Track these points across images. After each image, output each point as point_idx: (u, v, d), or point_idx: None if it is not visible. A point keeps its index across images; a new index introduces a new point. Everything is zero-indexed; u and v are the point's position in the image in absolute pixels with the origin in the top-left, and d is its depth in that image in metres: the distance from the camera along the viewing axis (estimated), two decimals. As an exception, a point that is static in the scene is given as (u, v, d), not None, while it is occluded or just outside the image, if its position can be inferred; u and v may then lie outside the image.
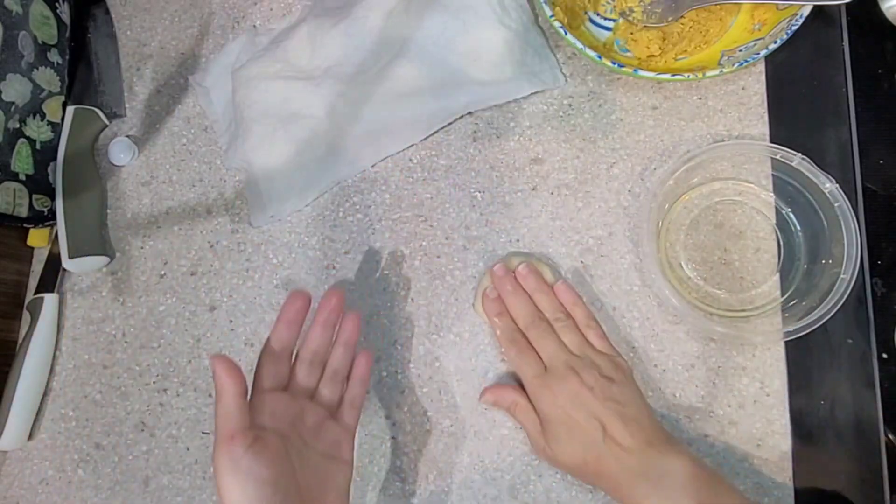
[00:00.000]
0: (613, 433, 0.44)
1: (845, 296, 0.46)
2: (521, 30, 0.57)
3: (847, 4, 0.52)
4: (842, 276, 0.47)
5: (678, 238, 0.53)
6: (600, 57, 0.51)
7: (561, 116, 0.57)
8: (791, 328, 0.47)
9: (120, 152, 0.62)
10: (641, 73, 0.51)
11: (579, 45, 0.52)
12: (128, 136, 0.63)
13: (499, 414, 0.52)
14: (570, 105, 0.57)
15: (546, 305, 0.50)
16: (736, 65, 0.50)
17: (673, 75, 0.51)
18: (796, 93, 0.55)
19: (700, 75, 0.50)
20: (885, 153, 0.53)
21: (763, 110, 0.54)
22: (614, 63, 0.51)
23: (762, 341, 0.49)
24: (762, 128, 0.54)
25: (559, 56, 0.58)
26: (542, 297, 0.51)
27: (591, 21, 0.59)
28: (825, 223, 0.49)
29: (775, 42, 0.49)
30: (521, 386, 0.49)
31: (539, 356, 0.48)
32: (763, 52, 0.50)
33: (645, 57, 0.56)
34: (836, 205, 0.48)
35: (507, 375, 0.52)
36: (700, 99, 0.55)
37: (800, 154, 0.49)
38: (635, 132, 0.55)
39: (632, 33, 0.57)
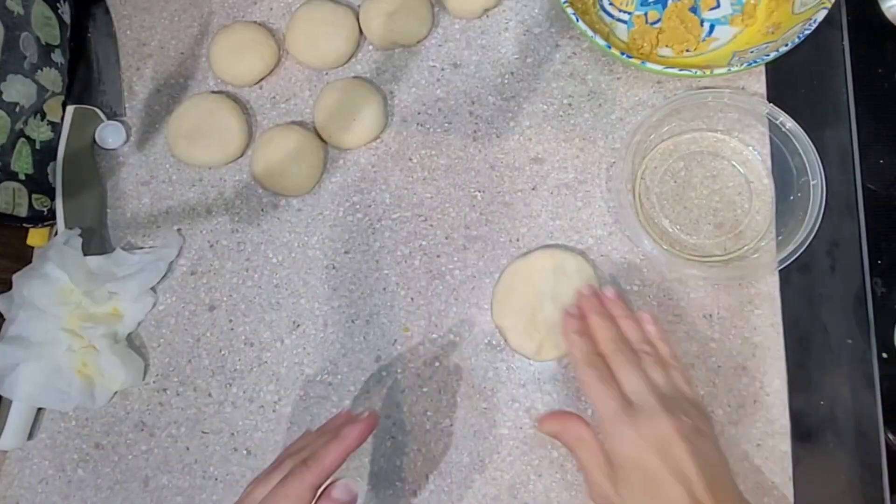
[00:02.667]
0: (700, 496, 0.37)
1: (822, 205, 0.48)
2: None
3: (847, 4, 0.52)
4: (812, 182, 0.49)
5: (654, 189, 0.54)
6: (609, 46, 0.51)
7: (561, 116, 0.57)
8: (784, 254, 0.49)
9: (109, 136, 0.62)
10: (649, 65, 0.51)
11: (590, 33, 0.51)
12: (118, 120, 0.63)
13: (498, 414, 0.52)
14: (570, 105, 0.57)
15: (633, 334, 0.45)
16: (745, 64, 0.50)
17: (681, 70, 0.50)
18: (796, 93, 0.55)
19: (708, 72, 0.50)
20: (886, 153, 0.53)
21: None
22: (623, 54, 0.51)
23: (763, 274, 0.51)
24: (762, 128, 0.54)
25: (559, 55, 0.58)
26: (630, 324, 0.46)
27: (604, 10, 0.58)
28: (783, 147, 0.52)
29: (786, 45, 0.49)
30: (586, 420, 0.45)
31: (621, 389, 0.42)
32: (773, 55, 0.49)
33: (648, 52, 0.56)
34: (784, 127, 0.51)
35: (509, 374, 0.52)
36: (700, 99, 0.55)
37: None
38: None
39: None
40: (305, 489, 0.39)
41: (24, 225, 0.59)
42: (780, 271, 0.51)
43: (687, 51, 0.56)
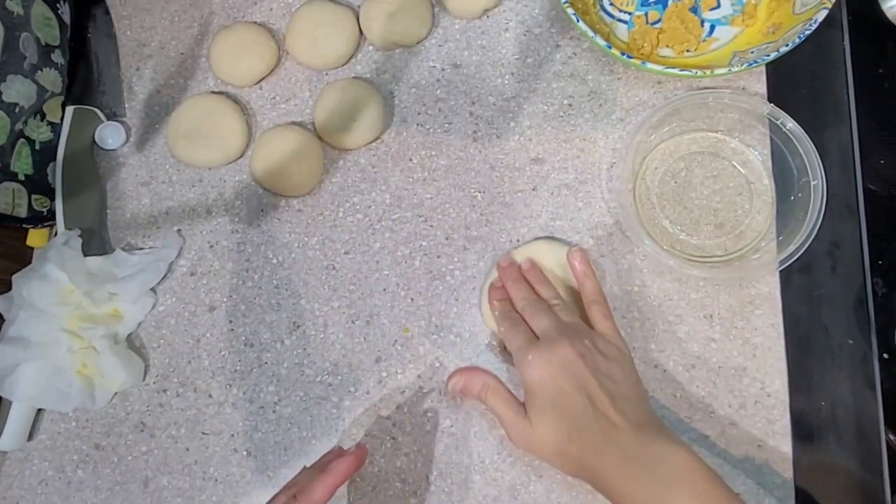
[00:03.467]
0: (601, 407, 0.42)
1: (822, 205, 0.48)
2: None
3: (848, 4, 0.52)
4: (812, 182, 0.49)
5: (655, 190, 0.54)
6: (610, 46, 0.51)
7: (561, 116, 0.57)
8: (784, 255, 0.49)
9: (108, 137, 0.62)
10: (649, 65, 0.51)
11: (590, 34, 0.51)
12: (118, 120, 0.63)
13: (499, 414, 0.52)
14: (570, 105, 0.57)
15: (546, 293, 0.50)
16: (745, 65, 0.50)
17: (682, 70, 0.50)
18: (797, 93, 0.55)
19: (709, 73, 0.50)
20: (886, 153, 0.53)
21: (763, 110, 0.54)
22: (623, 54, 0.51)
23: (763, 274, 0.51)
24: (763, 128, 0.54)
25: (559, 55, 0.58)
26: (543, 287, 0.50)
27: (604, 10, 0.58)
28: (784, 148, 0.52)
29: (787, 45, 0.49)
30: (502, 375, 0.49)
31: (532, 331, 0.47)
32: (773, 55, 0.49)
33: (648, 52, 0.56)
34: (785, 128, 0.51)
35: (509, 375, 0.52)
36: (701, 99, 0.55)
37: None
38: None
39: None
40: None
41: (24, 225, 0.59)
42: (780, 272, 0.51)
43: (687, 51, 0.56)
